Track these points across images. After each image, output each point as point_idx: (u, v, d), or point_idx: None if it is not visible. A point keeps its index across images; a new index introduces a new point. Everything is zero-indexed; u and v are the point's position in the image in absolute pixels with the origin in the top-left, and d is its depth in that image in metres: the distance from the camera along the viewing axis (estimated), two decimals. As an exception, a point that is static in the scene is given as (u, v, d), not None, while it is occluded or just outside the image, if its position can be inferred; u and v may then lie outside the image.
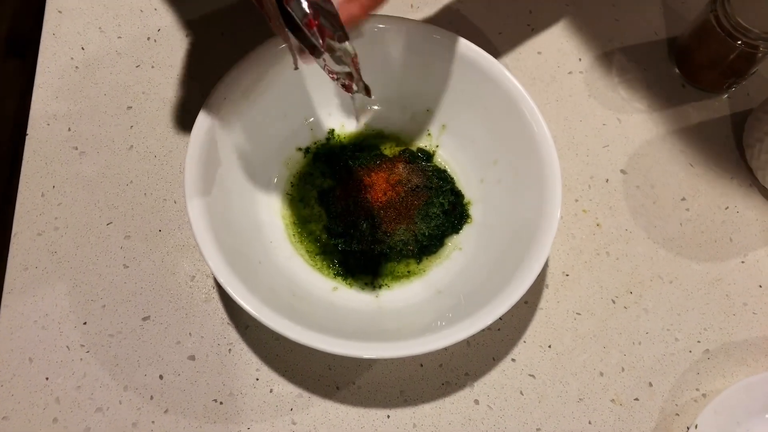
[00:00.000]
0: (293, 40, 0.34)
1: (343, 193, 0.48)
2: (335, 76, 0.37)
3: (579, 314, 0.48)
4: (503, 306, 0.40)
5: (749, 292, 0.50)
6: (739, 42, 0.49)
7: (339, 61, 0.35)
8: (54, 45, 0.54)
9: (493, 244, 0.46)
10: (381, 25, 0.46)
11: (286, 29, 0.34)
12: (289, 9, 0.33)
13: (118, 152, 0.51)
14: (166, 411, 0.44)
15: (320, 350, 0.38)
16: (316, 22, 0.33)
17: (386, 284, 0.47)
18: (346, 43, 0.34)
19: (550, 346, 0.47)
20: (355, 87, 0.37)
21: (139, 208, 0.49)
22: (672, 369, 0.47)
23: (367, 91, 0.38)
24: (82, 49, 0.54)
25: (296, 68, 0.36)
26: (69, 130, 0.51)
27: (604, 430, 0.45)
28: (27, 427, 0.43)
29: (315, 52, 0.34)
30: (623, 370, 0.47)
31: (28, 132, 0.51)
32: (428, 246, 0.48)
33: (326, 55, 0.34)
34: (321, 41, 0.33)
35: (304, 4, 0.32)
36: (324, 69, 0.36)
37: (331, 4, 0.33)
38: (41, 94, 0.52)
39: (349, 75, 0.36)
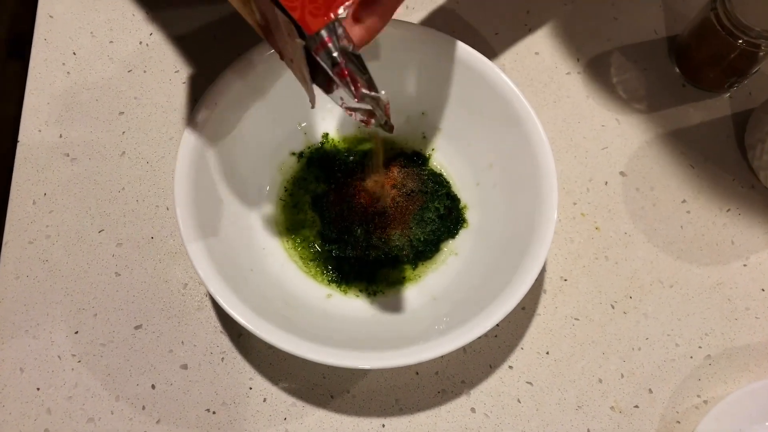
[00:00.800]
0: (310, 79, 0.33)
1: (337, 198, 0.48)
2: (351, 112, 0.35)
3: (577, 320, 0.47)
4: (500, 312, 0.39)
5: (751, 296, 0.49)
6: (740, 41, 0.48)
7: (362, 101, 0.33)
8: (45, 50, 0.53)
9: (489, 249, 0.45)
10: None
11: (307, 70, 0.32)
12: (318, 59, 0.31)
13: (110, 158, 0.50)
14: (158, 421, 0.43)
15: (314, 361, 0.37)
16: (347, 70, 0.31)
17: (381, 291, 0.46)
18: (382, 92, 0.32)
19: (548, 353, 0.46)
20: (373, 122, 0.35)
21: (131, 215, 0.49)
22: (672, 375, 0.46)
23: (390, 129, 0.36)
24: (74, 54, 0.53)
25: (313, 107, 0.35)
26: (60, 136, 0.51)
27: (603, 438, 0.45)
28: (18, 438, 0.43)
29: (330, 87, 0.33)
30: (623, 376, 0.46)
31: (19, 139, 0.50)
32: (424, 251, 0.47)
33: (343, 93, 0.33)
34: (355, 91, 0.32)
35: (335, 53, 0.31)
36: (341, 106, 0.35)
37: (353, 44, 0.31)
38: (32, 100, 0.52)
39: (368, 112, 0.34)
